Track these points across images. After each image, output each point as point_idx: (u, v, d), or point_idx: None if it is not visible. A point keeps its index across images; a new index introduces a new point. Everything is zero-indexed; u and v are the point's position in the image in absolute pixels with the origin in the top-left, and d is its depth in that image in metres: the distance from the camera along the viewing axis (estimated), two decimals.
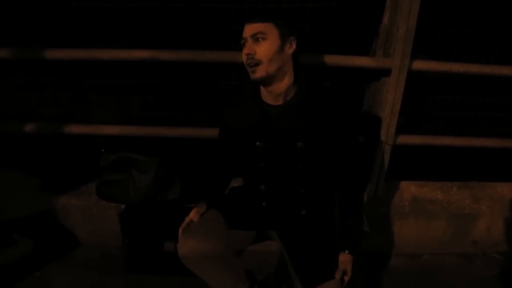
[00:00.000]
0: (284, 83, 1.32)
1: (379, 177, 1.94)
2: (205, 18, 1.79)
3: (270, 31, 1.25)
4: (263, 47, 1.25)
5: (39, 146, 2.10)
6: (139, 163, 1.84)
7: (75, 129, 1.92)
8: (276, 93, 1.33)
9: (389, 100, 1.72)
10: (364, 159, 1.88)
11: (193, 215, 1.43)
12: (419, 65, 1.69)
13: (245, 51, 1.28)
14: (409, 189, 2.12)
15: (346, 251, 1.34)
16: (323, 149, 1.34)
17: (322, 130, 1.32)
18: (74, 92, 2.02)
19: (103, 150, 1.89)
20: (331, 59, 1.68)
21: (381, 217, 2.01)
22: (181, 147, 1.96)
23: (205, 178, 1.63)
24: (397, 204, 2.04)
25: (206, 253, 1.33)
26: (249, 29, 1.27)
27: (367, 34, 1.74)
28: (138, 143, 1.93)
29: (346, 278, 1.34)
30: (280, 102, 1.35)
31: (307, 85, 1.35)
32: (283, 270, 1.78)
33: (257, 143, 1.36)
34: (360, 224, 1.43)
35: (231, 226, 1.41)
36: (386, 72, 1.69)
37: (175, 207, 1.83)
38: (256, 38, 1.25)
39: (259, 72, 1.27)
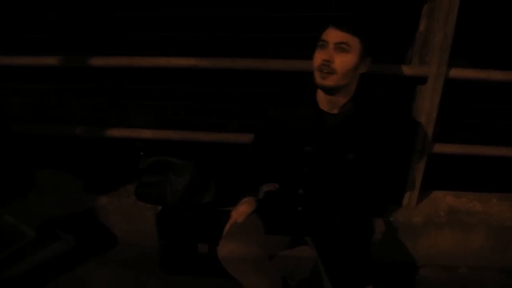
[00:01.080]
0: (347, 96, 1.32)
1: (414, 186, 1.92)
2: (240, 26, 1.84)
3: (355, 46, 1.22)
4: (343, 59, 1.22)
5: (83, 149, 2.23)
6: (176, 166, 1.91)
7: (116, 132, 2.03)
8: (334, 103, 1.34)
9: (426, 108, 1.70)
10: (402, 168, 1.86)
11: (236, 213, 1.45)
12: (456, 72, 1.67)
13: (322, 55, 1.23)
14: (445, 199, 2.07)
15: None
16: (372, 162, 1.34)
17: (374, 144, 1.32)
18: (115, 98, 2.12)
19: (142, 153, 1.99)
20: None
21: (415, 226, 1.98)
22: (216, 152, 2.02)
23: (239, 183, 1.66)
24: (432, 214, 1.99)
25: (245, 256, 1.35)
26: (335, 35, 1.22)
27: (402, 42, 1.73)
28: (175, 147, 2.01)
29: None
30: (336, 111, 1.35)
31: (365, 98, 1.35)
32: (315, 277, 1.79)
33: (306, 148, 1.36)
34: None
35: (268, 231, 1.44)
36: (423, 80, 1.67)
37: (210, 210, 1.88)
38: (339, 47, 1.22)
39: (330, 81, 1.24)
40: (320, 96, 1.37)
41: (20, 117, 2.23)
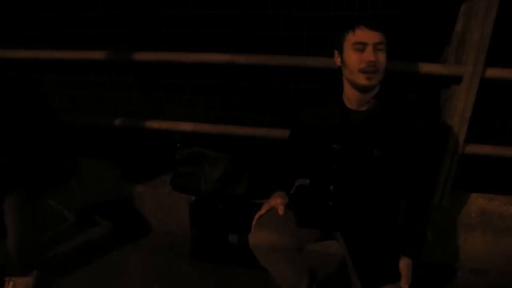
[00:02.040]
0: (374, 92, 1.36)
1: (445, 187, 1.91)
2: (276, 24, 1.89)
3: (385, 42, 1.28)
4: (382, 56, 1.27)
5: (122, 139, 2.34)
6: (211, 158, 1.99)
7: (155, 124, 2.12)
8: (364, 100, 1.37)
9: (459, 108, 1.71)
10: (432, 167, 1.86)
11: (275, 203, 1.47)
12: (493, 72, 1.66)
13: (366, 57, 1.26)
14: (477, 201, 2.05)
15: (407, 257, 1.34)
16: (398, 158, 1.36)
17: (400, 141, 1.34)
18: (155, 91, 2.23)
19: (179, 145, 2.07)
20: (401, 66, 1.71)
21: (445, 227, 1.97)
22: (250, 146, 2.08)
23: (271, 177, 1.71)
24: (463, 216, 1.98)
25: (275, 245, 1.39)
26: (372, 36, 1.26)
27: (438, 41, 1.75)
28: (211, 140, 2.09)
29: (406, 285, 1.32)
30: (363, 108, 1.39)
31: (390, 95, 1.38)
32: (341, 272, 1.82)
33: (334, 145, 1.40)
34: (424, 232, 1.43)
35: (298, 223, 1.47)
36: (457, 80, 1.68)
37: (241, 202, 1.94)
38: (378, 47, 1.27)
39: (375, 80, 1.29)
40: (349, 94, 1.40)
41: (65, 108, 2.37)
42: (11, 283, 1.80)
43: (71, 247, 2.15)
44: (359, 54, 1.28)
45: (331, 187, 1.46)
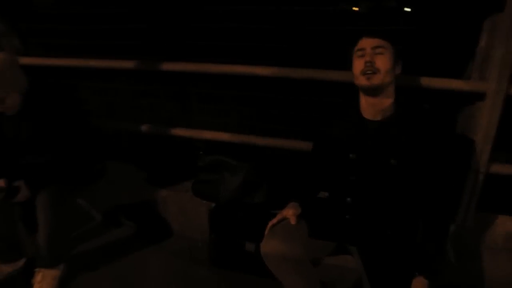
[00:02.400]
0: (388, 100, 1.41)
1: (469, 207, 1.85)
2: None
3: (388, 47, 1.37)
4: (382, 59, 1.35)
5: (149, 145, 2.45)
6: (231, 166, 2.04)
7: (180, 132, 2.22)
8: (378, 107, 1.41)
9: (483, 125, 1.67)
10: (454, 185, 1.82)
11: (287, 214, 1.50)
12: None
13: (365, 58, 1.36)
14: (504, 223, 1.97)
15: (422, 276, 1.31)
16: (415, 169, 1.36)
17: (416, 151, 1.35)
18: (181, 100, 2.32)
19: (201, 152, 2.14)
20: (424, 81, 1.70)
21: (468, 249, 1.90)
22: (271, 156, 2.12)
23: (291, 187, 1.73)
24: (488, 238, 1.91)
25: (286, 255, 1.41)
26: (369, 42, 1.38)
27: (462, 57, 1.72)
28: (232, 148, 2.14)
29: None
30: (378, 118, 1.42)
31: (406, 106, 1.41)
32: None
33: (350, 155, 1.43)
34: (441, 251, 1.39)
35: (312, 234, 1.48)
36: (481, 96, 1.65)
37: (259, 211, 1.97)
38: (377, 50, 1.36)
39: (375, 80, 1.36)
40: (363, 103, 1.45)
41: (98, 113, 2.50)
42: (40, 274, 1.91)
43: (96, 246, 2.26)
44: (359, 59, 1.39)
45: (348, 199, 1.46)
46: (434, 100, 1.80)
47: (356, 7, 1.77)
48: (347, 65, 1.46)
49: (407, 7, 1.74)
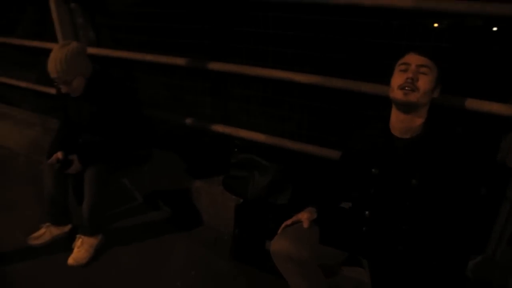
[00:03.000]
0: (419, 119, 1.38)
1: (501, 240, 1.74)
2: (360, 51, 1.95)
3: (433, 69, 1.35)
4: (424, 79, 1.33)
5: (192, 137, 2.61)
6: (261, 166, 2.12)
7: (220, 128, 2.35)
8: (407, 125, 1.39)
9: None
10: (482, 213, 1.73)
11: (302, 217, 1.54)
12: None
13: (408, 74, 1.34)
14: None
15: None
16: (437, 192, 1.34)
17: (441, 174, 1.32)
18: (223, 99, 2.45)
19: (236, 150, 2.25)
20: (457, 101, 1.64)
21: (496, 284, 1.79)
22: (299, 160, 2.16)
23: (312, 193, 1.77)
24: None
25: (292, 256, 1.45)
26: (417, 59, 1.36)
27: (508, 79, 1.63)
28: (265, 149, 2.22)
29: None
30: (406, 136, 1.40)
31: (437, 127, 1.38)
32: None
33: (373, 169, 1.44)
34: (458, 278, 1.35)
35: (324, 241, 1.50)
36: None
37: (281, 212, 2.02)
38: (421, 69, 1.34)
39: (412, 97, 1.33)
40: (393, 119, 1.43)
41: (149, 103, 2.72)
42: (80, 240, 2.15)
43: (133, 224, 2.47)
44: (402, 73, 1.37)
45: (367, 212, 1.47)
46: (477, 123, 1.73)
47: (437, 23, 1.75)
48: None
49: (494, 26, 1.67)
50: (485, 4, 1.47)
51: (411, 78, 1.33)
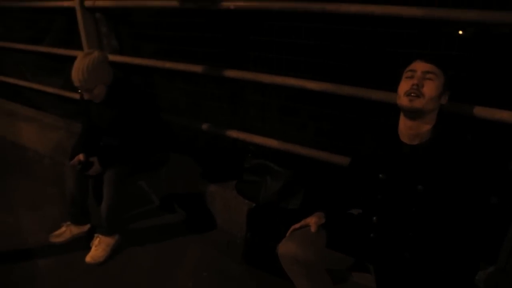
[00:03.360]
0: (426, 126, 1.39)
1: None
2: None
3: (439, 75, 1.36)
4: (430, 85, 1.35)
5: (207, 142, 2.68)
6: (274, 171, 2.16)
7: (234, 134, 2.41)
8: (415, 131, 1.40)
9: None
10: (493, 222, 1.70)
11: (310, 221, 1.56)
12: None
13: (414, 80, 1.36)
14: None
15: None
16: (443, 199, 1.34)
17: (448, 181, 1.32)
18: (238, 105, 2.52)
19: (250, 155, 2.30)
20: (474, 110, 1.63)
21: None
22: (311, 166, 2.19)
23: (321, 198, 1.80)
24: None
25: (299, 258, 1.48)
26: (422, 66, 1.37)
27: None
28: (279, 155, 2.27)
29: None
30: (414, 142, 1.41)
31: (446, 134, 1.39)
32: None
33: (380, 175, 1.45)
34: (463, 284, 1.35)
35: (331, 246, 1.52)
36: None
37: (292, 216, 2.05)
38: (427, 75, 1.36)
39: (417, 103, 1.34)
40: (401, 125, 1.44)
41: (167, 109, 2.82)
42: (97, 239, 2.24)
43: (149, 225, 2.55)
44: (408, 80, 1.39)
45: (374, 218, 1.49)
46: (487, 131, 1.72)
47: (462, 30, 1.75)
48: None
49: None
50: (495, 13, 1.48)
51: (416, 84, 1.34)
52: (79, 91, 2.13)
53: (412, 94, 1.34)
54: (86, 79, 2.03)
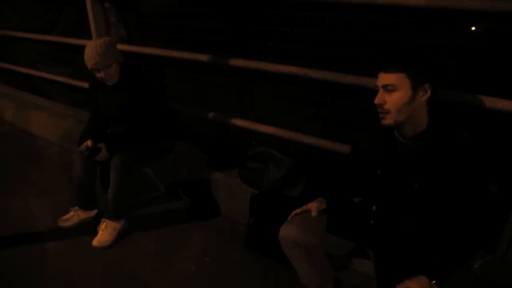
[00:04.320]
0: (415, 128, 1.37)
1: (511, 238, 1.73)
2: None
3: (402, 82, 1.28)
4: (393, 97, 1.31)
5: (212, 130, 2.72)
6: (276, 159, 2.19)
7: (238, 122, 2.44)
8: (407, 134, 1.39)
9: None
10: (491, 211, 1.71)
11: (311, 206, 1.60)
12: None
13: (376, 100, 1.34)
14: None
15: (426, 276, 1.27)
16: (439, 196, 1.34)
17: (444, 179, 1.32)
18: (244, 94, 2.55)
19: (254, 143, 2.33)
20: (475, 99, 1.64)
21: (506, 283, 1.77)
22: (314, 154, 2.22)
23: (322, 184, 1.82)
24: None
25: (299, 241, 1.52)
26: (382, 79, 1.33)
27: None
28: (282, 143, 2.30)
29: None
30: (410, 141, 1.40)
31: (441, 132, 1.36)
32: None
33: (378, 171, 1.46)
34: (456, 263, 1.35)
35: (331, 230, 1.56)
36: None
37: (295, 203, 2.08)
38: (387, 89, 1.31)
39: (388, 120, 1.35)
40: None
41: (174, 97, 2.87)
42: (104, 223, 2.29)
43: (155, 211, 2.60)
44: (377, 96, 1.36)
45: (374, 207, 1.51)
46: (484, 127, 1.72)
47: (475, 26, 1.73)
48: None
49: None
50: (496, 2, 1.49)
51: (378, 104, 1.33)
52: (94, 72, 2.15)
53: (380, 114, 1.35)
54: (104, 53, 2.10)
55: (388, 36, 1.86)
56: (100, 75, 2.17)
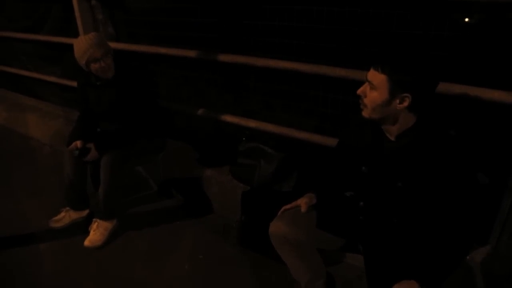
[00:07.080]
0: (396, 127, 1.35)
1: (503, 231, 1.73)
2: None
3: (382, 84, 1.27)
4: (371, 95, 1.31)
5: (202, 127, 2.70)
6: (267, 154, 2.18)
7: (229, 118, 2.43)
8: (392, 132, 1.38)
9: None
10: (482, 203, 1.70)
11: (301, 202, 1.59)
12: None
13: (358, 90, 1.35)
14: None
15: (415, 280, 1.27)
16: (424, 194, 1.33)
17: (429, 178, 1.31)
18: (234, 90, 2.53)
19: (244, 139, 2.32)
20: (456, 89, 1.64)
21: (498, 278, 1.77)
22: (304, 149, 2.21)
23: (312, 179, 1.82)
24: None
25: (288, 237, 1.52)
26: (369, 74, 1.32)
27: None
28: (273, 138, 2.29)
29: None
30: (396, 139, 1.39)
31: (429, 131, 1.34)
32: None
33: (363, 167, 1.46)
34: (447, 265, 1.35)
35: (321, 226, 1.55)
36: None
37: (286, 199, 2.07)
38: (370, 84, 1.32)
39: (364, 113, 1.36)
40: None
41: (164, 95, 2.84)
42: (96, 223, 2.28)
43: (147, 210, 2.59)
44: None
45: (361, 203, 1.51)
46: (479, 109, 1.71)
47: (468, 18, 1.71)
48: None
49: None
50: None
51: (359, 94, 1.34)
52: (90, 66, 2.11)
53: (360, 105, 1.36)
54: (98, 43, 2.09)
55: (375, 28, 1.85)
56: (98, 65, 2.11)
